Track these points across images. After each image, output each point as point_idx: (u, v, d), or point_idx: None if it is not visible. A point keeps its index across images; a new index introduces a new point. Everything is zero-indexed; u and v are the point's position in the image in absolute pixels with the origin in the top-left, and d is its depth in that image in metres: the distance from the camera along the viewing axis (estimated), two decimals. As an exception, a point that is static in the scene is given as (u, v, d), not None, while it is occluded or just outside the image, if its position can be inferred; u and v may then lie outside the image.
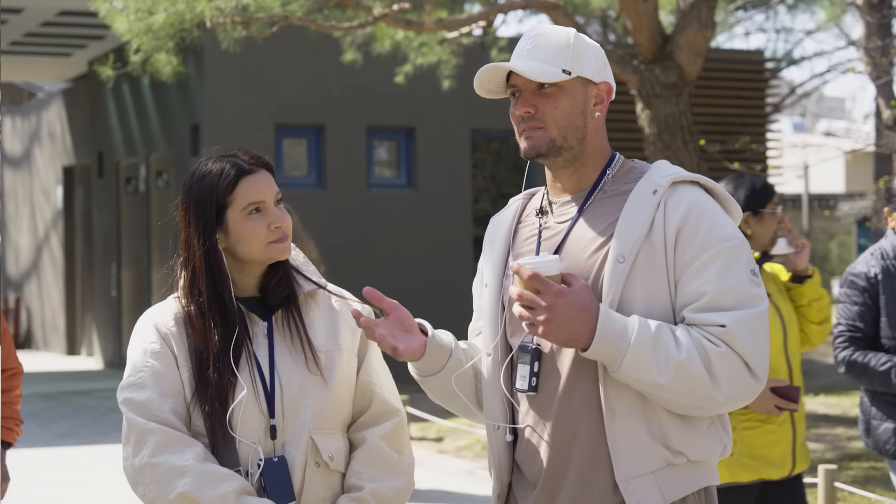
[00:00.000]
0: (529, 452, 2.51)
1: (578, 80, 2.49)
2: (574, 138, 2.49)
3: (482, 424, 2.65)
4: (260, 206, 2.63)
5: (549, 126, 2.48)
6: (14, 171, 20.15)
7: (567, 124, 2.48)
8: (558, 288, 2.34)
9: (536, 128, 2.49)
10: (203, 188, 2.64)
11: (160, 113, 14.21)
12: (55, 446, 9.70)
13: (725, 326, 2.35)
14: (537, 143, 2.49)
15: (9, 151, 20.40)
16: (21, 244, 19.67)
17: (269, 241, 2.64)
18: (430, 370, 2.56)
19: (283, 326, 2.68)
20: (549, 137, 2.48)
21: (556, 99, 2.48)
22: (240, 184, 2.62)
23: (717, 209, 2.46)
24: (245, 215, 2.63)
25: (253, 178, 2.63)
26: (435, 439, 9.64)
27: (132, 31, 9.38)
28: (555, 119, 2.48)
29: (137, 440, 2.57)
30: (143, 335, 2.66)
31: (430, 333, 2.56)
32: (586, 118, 2.50)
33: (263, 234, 2.63)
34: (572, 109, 2.48)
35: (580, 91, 2.49)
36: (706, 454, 2.45)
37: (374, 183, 13.70)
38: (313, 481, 2.63)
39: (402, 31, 10.08)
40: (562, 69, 2.46)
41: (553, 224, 2.55)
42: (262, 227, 2.63)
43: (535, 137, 2.49)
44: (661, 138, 8.75)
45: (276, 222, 2.63)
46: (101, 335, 16.22)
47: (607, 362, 2.37)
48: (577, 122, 2.49)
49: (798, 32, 32.45)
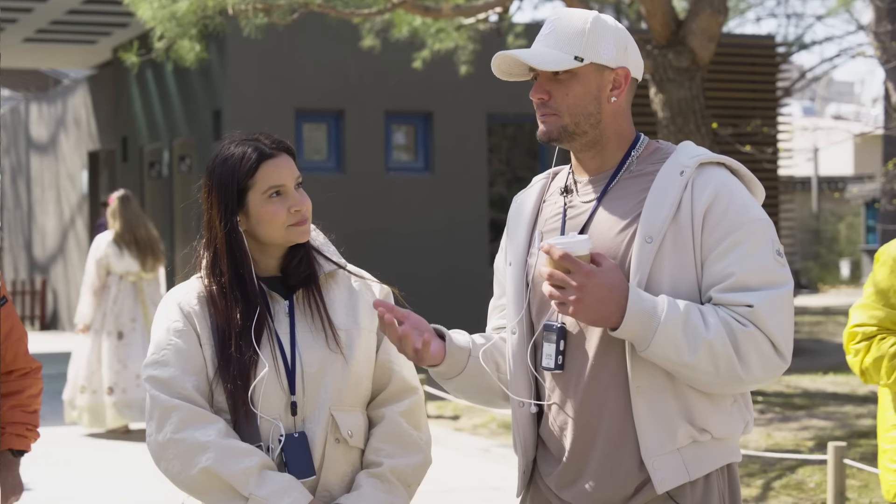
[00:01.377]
0: (555, 429, 2.52)
1: (592, 67, 2.48)
2: (587, 124, 2.49)
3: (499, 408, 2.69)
4: (280, 190, 2.65)
5: (562, 112, 2.49)
6: (40, 157, 20.14)
7: (579, 111, 2.48)
8: (589, 268, 2.34)
9: (550, 114, 2.50)
10: (225, 171, 2.66)
11: (183, 98, 14.25)
12: (78, 424, 9.65)
13: (753, 307, 2.35)
14: (549, 128, 2.50)
15: (35, 137, 20.40)
16: (47, 227, 19.60)
17: (288, 224, 2.65)
18: (451, 373, 2.57)
19: (303, 305, 2.70)
20: (561, 124, 2.49)
21: (568, 85, 2.48)
22: (261, 167, 2.64)
23: (743, 191, 2.46)
24: (266, 198, 2.65)
25: (274, 161, 2.65)
26: (451, 417, 9.69)
27: (156, 18, 9.49)
28: (567, 105, 2.48)
29: (161, 416, 2.59)
30: (166, 314, 2.68)
31: (448, 337, 2.56)
32: (601, 104, 2.49)
33: (283, 217, 2.65)
34: (585, 96, 2.48)
35: (594, 77, 2.48)
36: (730, 431, 2.47)
37: (393, 167, 13.76)
38: (333, 457, 2.65)
39: (420, 18, 10.17)
40: (574, 56, 2.46)
41: (578, 203, 2.55)
42: (283, 210, 2.65)
43: (548, 123, 2.50)
44: (674, 122, 8.79)
45: (296, 205, 2.65)
46: (126, 316, 16.42)
47: (636, 341, 2.37)
48: (590, 109, 2.49)
49: (809, 17, 32.56)
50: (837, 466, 5.82)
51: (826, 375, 11.44)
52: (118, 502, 7.23)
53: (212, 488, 2.56)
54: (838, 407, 9.48)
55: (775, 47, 15.65)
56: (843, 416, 9.05)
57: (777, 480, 7.08)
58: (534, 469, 2.59)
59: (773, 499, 6.77)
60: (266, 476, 2.55)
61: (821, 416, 9.05)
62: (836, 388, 10.52)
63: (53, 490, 7.42)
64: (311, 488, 2.62)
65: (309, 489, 2.61)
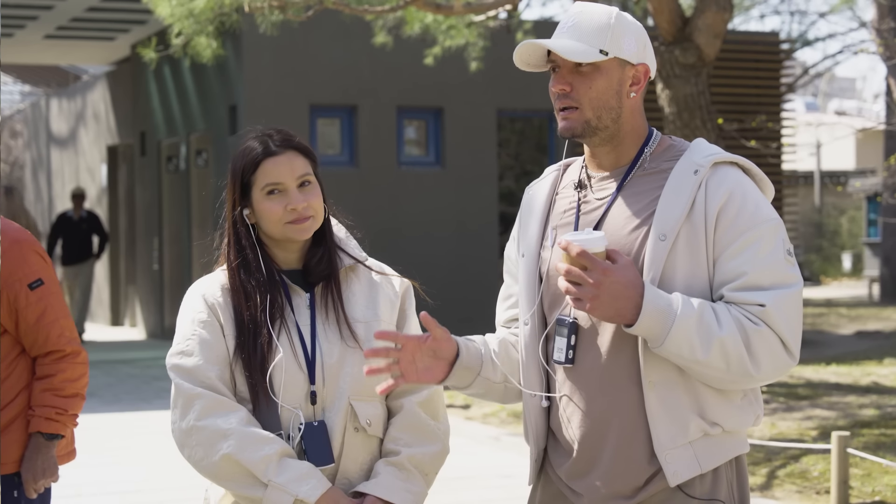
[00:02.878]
0: (565, 421, 2.53)
1: (615, 61, 2.47)
2: (609, 118, 2.48)
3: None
4: (278, 188, 2.65)
5: (584, 106, 2.47)
6: (61, 151, 20.11)
7: (601, 104, 2.47)
8: (605, 265, 2.34)
9: (572, 108, 2.48)
10: (236, 164, 2.69)
11: (200, 94, 14.26)
12: (100, 412, 9.71)
13: (765, 306, 2.36)
14: (573, 124, 2.48)
15: (56, 131, 20.37)
16: (68, 221, 19.91)
17: (285, 222, 2.66)
18: (455, 387, 2.58)
19: (322, 299, 2.71)
20: (584, 118, 2.48)
21: (591, 78, 2.47)
22: (262, 164, 2.65)
23: (755, 191, 2.47)
24: (264, 195, 2.66)
25: (275, 159, 2.65)
26: (462, 406, 9.73)
27: (174, 15, 9.58)
28: (589, 99, 2.47)
29: (185, 404, 2.61)
30: (191, 305, 2.70)
31: (459, 360, 2.53)
32: (621, 98, 2.49)
33: (280, 215, 2.65)
34: (607, 90, 2.47)
35: (616, 72, 2.48)
36: (740, 425, 2.48)
37: (404, 161, 13.79)
38: (352, 445, 2.67)
39: (432, 15, 10.26)
40: (599, 49, 2.45)
41: (592, 199, 2.54)
42: (279, 207, 2.65)
43: (570, 119, 2.48)
44: (680, 117, 8.84)
45: (293, 204, 2.64)
46: (144, 307, 16.32)
47: (651, 338, 2.38)
48: (612, 103, 2.48)
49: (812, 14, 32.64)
50: (841, 455, 5.88)
51: (829, 366, 11.42)
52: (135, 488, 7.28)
53: (233, 474, 2.58)
54: (841, 397, 9.51)
55: (779, 44, 15.75)
56: (845, 406, 9.06)
57: (781, 469, 7.08)
58: (545, 459, 2.61)
59: (778, 487, 6.79)
60: (285, 463, 2.57)
61: (824, 406, 9.10)
62: (838, 379, 10.51)
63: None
64: (330, 476, 2.65)
65: (328, 477, 2.64)
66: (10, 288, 3.40)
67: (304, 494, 2.56)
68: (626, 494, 2.48)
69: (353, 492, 2.66)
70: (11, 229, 3.44)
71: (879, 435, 7.88)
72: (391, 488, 2.65)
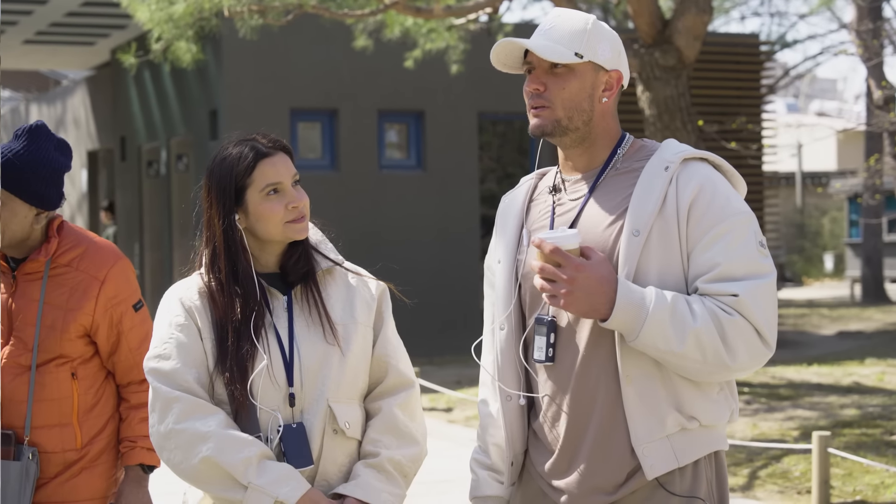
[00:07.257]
0: (547, 420, 2.56)
1: (590, 65, 2.53)
2: (579, 120, 2.53)
3: None
4: (278, 188, 2.68)
5: (556, 105, 2.52)
6: None
7: (573, 105, 2.52)
8: (578, 261, 2.39)
9: (543, 107, 2.53)
10: (224, 171, 2.68)
11: (180, 99, 14.27)
12: None
13: (738, 296, 2.39)
14: (543, 122, 2.53)
15: None
16: (46, 226, 19.87)
17: (286, 221, 2.68)
18: None
19: (302, 300, 2.72)
20: (555, 117, 2.52)
21: (565, 80, 2.52)
22: (258, 166, 2.67)
23: (725, 185, 2.50)
24: (263, 196, 2.67)
25: (271, 160, 2.68)
26: (444, 409, 9.75)
27: (153, 20, 9.60)
28: (562, 99, 2.51)
29: (163, 408, 2.62)
30: (168, 308, 2.71)
31: None
32: (593, 102, 2.54)
33: (281, 214, 2.67)
34: (580, 92, 2.52)
35: (590, 75, 2.53)
36: (716, 419, 2.50)
37: (386, 164, 13.79)
38: (331, 447, 2.68)
39: (412, 18, 10.27)
40: (574, 52, 2.50)
41: (567, 201, 2.58)
42: (280, 206, 2.67)
43: (541, 117, 2.53)
44: (660, 119, 8.90)
45: (294, 202, 2.68)
46: (124, 312, 16.52)
47: (626, 332, 2.41)
48: (584, 105, 2.53)
49: (792, 16, 32.82)
50: (822, 455, 5.94)
51: (811, 367, 11.51)
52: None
53: (212, 477, 2.59)
54: (822, 397, 9.57)
55: (759, 45, 15.82)
56: (827, 407, 9.11)
57: (763, 469, 7.13)
58: (525, 460, 2.64)
59: (759, 487, 6.80)
60: (265, 465, 2.58)
61: (805, 406, 9.14)
62: (820, 379, 10.59)
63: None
64: (309, 478, 2.66)
65: (307, 479, 2.64)
66: (116, 308, 3.24)
67: (284, 496, 2.57)
68: (607, 490, 2.51)
69: (332, 493, 2.67)
70: (112, 247, 3.30)
71: (860, 435, 7.93)
72: (371, 490, 2.66)
